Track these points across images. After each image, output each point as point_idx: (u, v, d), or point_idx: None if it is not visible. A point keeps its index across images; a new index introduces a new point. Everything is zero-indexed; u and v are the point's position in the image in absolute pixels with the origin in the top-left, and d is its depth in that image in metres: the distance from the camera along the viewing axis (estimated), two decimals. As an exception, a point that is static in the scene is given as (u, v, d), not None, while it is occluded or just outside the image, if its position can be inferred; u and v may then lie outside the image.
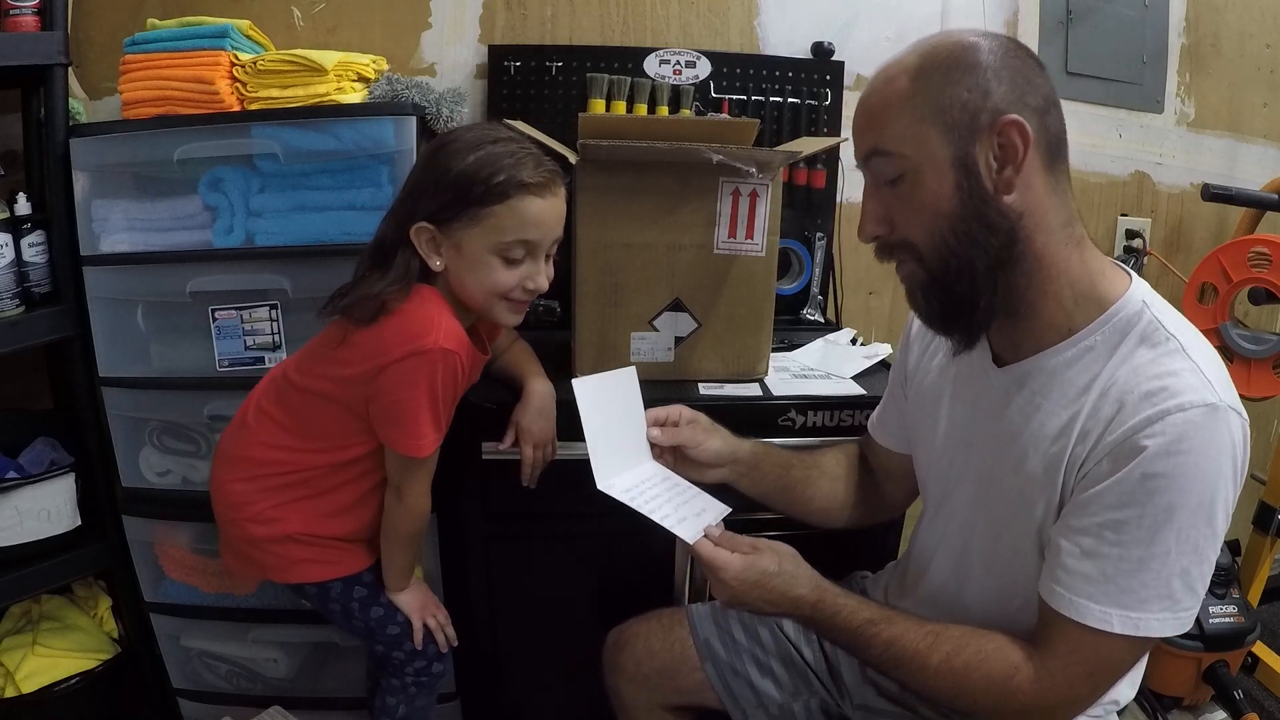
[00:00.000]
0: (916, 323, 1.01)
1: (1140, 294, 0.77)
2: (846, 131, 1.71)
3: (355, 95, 1.34)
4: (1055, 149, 0.74)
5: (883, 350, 1.44)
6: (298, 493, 1.07)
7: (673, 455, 1.03)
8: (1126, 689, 0.88)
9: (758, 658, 1.08)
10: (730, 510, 0.96)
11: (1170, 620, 0.72)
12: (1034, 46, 1.82)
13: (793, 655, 1.08)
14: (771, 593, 0.85)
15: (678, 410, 1.04)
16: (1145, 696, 1.68)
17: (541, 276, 1.02)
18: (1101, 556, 0.72)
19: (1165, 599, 0.72)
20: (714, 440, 1.03)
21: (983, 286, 0.76)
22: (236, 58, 1.29)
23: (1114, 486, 0.71)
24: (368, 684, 1.30)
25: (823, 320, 1.73)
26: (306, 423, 1.05)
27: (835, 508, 1.09)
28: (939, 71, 0.72)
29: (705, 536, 0.89)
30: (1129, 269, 0.81)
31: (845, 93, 1.69)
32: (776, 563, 0.86)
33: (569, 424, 1.22)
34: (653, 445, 1.02)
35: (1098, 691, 0.77)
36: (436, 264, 0.99)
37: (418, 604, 1.16)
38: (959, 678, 0.78)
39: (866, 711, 1.00)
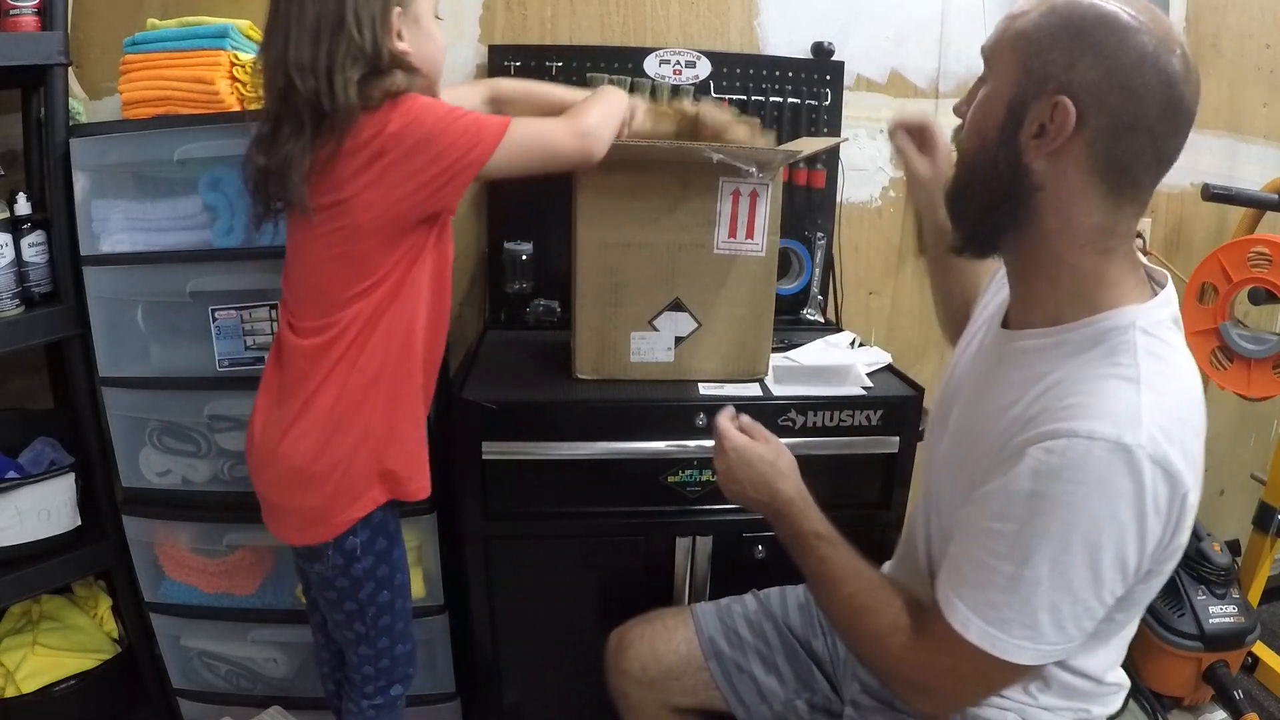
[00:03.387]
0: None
1: (1139, 316, 0.72)
2: (847, 131, 1.73)
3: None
4: (1117, 173, 0.70)
5: (883, 357, 1.44)
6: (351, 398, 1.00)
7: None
8: (1099, 708, 0.87)
9: (762, 654, 1.09)
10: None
11: (1030, 650, 0.70)
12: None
13: (797, 651, 1.09)
14: (759, 477, 0.92)
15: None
16: (1145, 696, 1.68)
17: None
18: (976, 561, 0.72)
19: (1028, 628, 0.69)
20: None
21: (977, 213, 0.77)
22: (236, 58, 1.29)
23: (1000, 493, 0.70)
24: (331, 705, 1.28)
25: (823, 320, 1.73)
26: (325, 319, 0.99)
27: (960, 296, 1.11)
28: (1061, 23, 0.69)
29: (735, 418, 0.98)
30: (1161, 296, 0.75)
31: (845, 93, 1.69)
32: (775, 456, 0.94)
33: (568, 425, 1.23)
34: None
35: (963, 693, 0.77)
36: (405, 47, 0.96)
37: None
38: (853, 617, 0.82)
39: (855, 707, 1.01)
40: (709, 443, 1.23)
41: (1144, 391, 0.67)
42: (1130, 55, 0.67)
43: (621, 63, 1.60)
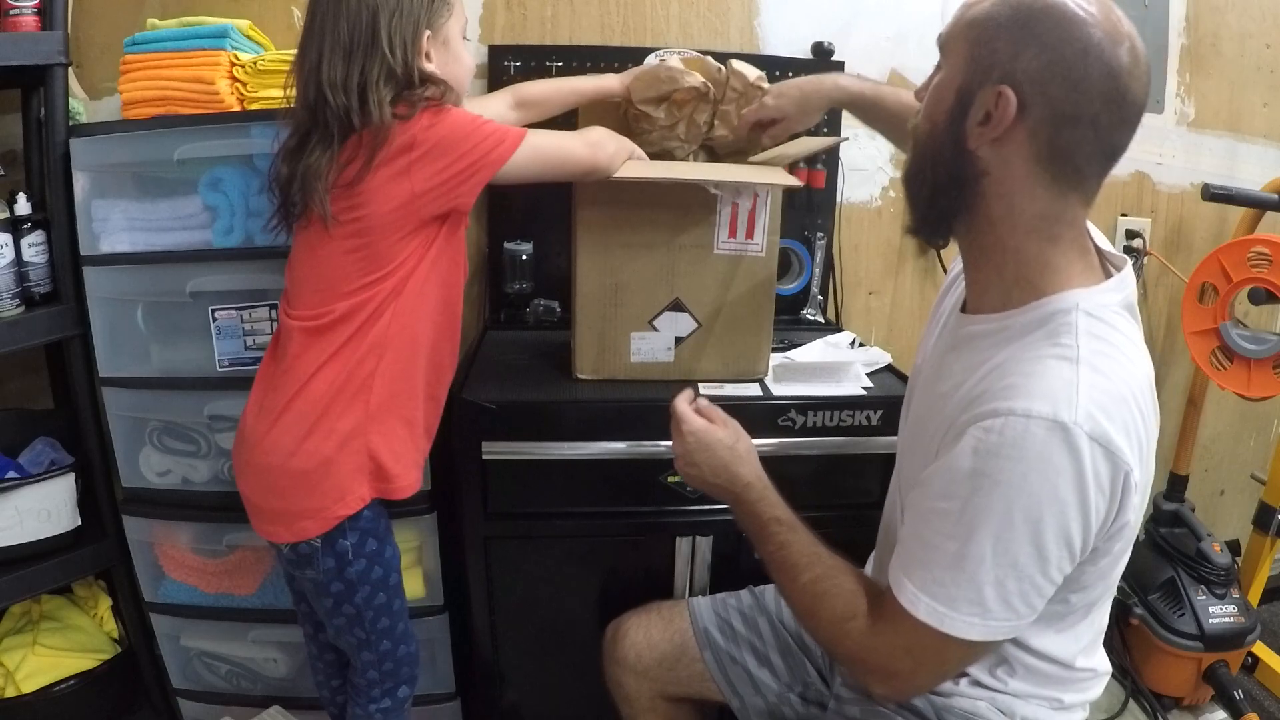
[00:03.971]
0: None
1: (1081, 299, 0.73)
2: (847, 131, 1.72)
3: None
4: (1059, 163, 0.71)
5: (883, 357, 1.44)
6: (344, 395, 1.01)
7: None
8: (1072, 695, 0.86)
9: (755, 648, 1.09)
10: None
11: (979, 627, 0.71)
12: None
13: (791, 647, 1.09)
14: (717, 461, 0.91)
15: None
16: (1145, 696, 1.68)
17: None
18: (923, 541, 0.73)
19: (975, 604, 0.70)
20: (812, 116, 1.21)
21: (927, 196, 0.79)
22: (236, 58, 1.29)
23: (943, 473, 0.72)
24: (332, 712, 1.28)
25: (823, 320, 1.73)
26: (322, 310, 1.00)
27: None
28: (1010, 13, 0.70)
29: (692, 401, 0.97)
30: (1112, 282, 0.76)
31: (845, 93, 1.69)
32: (733, 440, 0.93)
33: (568, 425, 1.23)
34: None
35: (920, 674, 0.77)
36: (432, 68, 0.99)
37: None
38: (812, 602, 0.82)
39: (838, 701, 1.01)
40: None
41: (1083, 370, 0.68)
42: (1074, 46, 0.68)
43: (621, 63, 1.59)
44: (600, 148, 1.10)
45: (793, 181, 1.18)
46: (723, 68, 1.25)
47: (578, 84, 1.31)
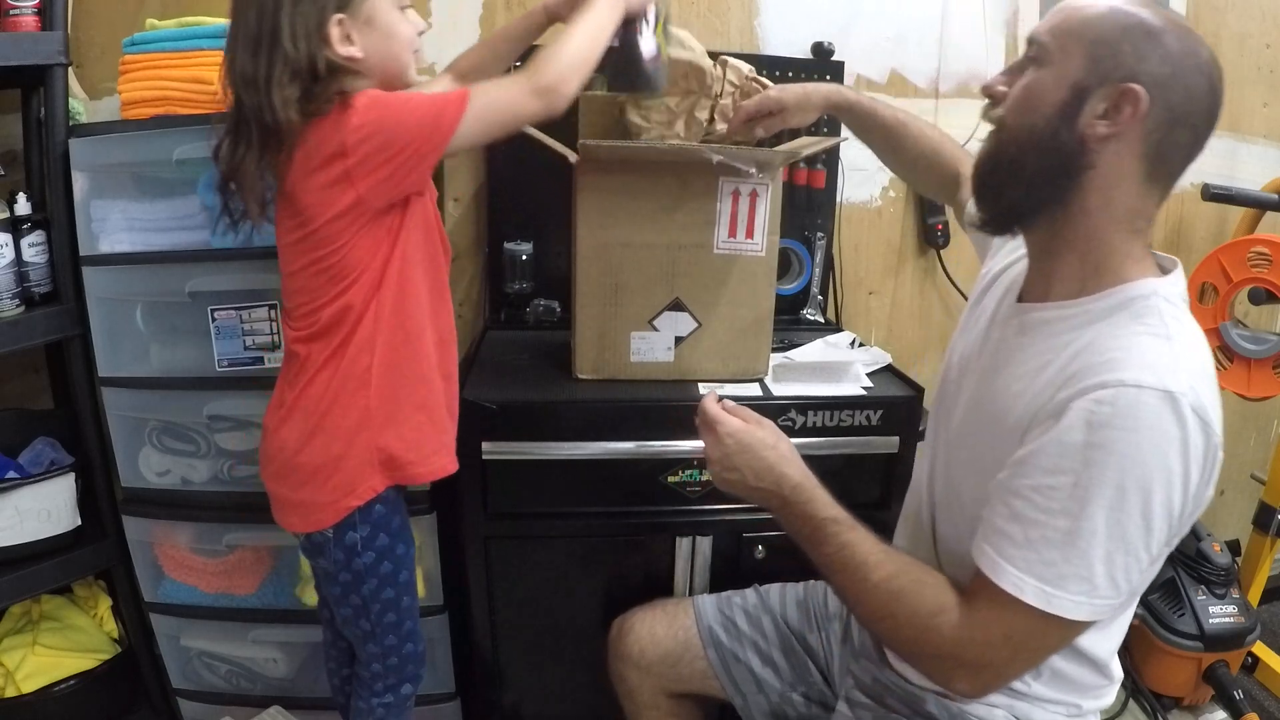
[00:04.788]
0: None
1: (1158, 287, 0.76)
2: (846, 131, 1.72)
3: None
4: (1159, 162, 0.75)
5: (883, 357, 1.44)
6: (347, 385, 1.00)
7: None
8: (1090, 676, 0.86)
9: (759, 647, 1.10)
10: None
11: (1085, 605, 0.71)
12: (1034, 46, 1.82)
13: (794, 646, 1.10)
14: (761, 463, 0.88)
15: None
16: (1145, 696, 1.68)
17: (421, 19, 1.02)
18: (1028, 521, 0.72)
19: (1084, 581, 0.70)
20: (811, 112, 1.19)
21: (1022, 186, 0.78)
22: (236, 58, 1.29)
23: (1050, 447, 0.71)
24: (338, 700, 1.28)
25: (823, 320, 1.73)
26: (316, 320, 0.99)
27: (917, 166, 1.20)
28: (1134, 21, 0.73)
29: (718, 399, 0.93)
30: (1174, 275, 0.80)
31: (845, 93, 1.69)
32: (775, 439, 0.89)
33: (568, 425, 1.23)
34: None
35: (1019, 661, 0.76)
36: (356, 51, 0.93)
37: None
38: (891, 600, 0.79)
39: (849, 704, 1.01)
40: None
41: (1176, 346, 0.71)
42: (1191, 60, 0.72)
43: (621, 63, 1.60)
44: (551, 93, 0.94)
45: (793, 156, 1.19)
46: (716, 63, 1.24)
47: (507, 29, 1.21)
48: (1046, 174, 0.77)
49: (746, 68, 1.24)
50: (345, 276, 0.97)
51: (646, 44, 1.07)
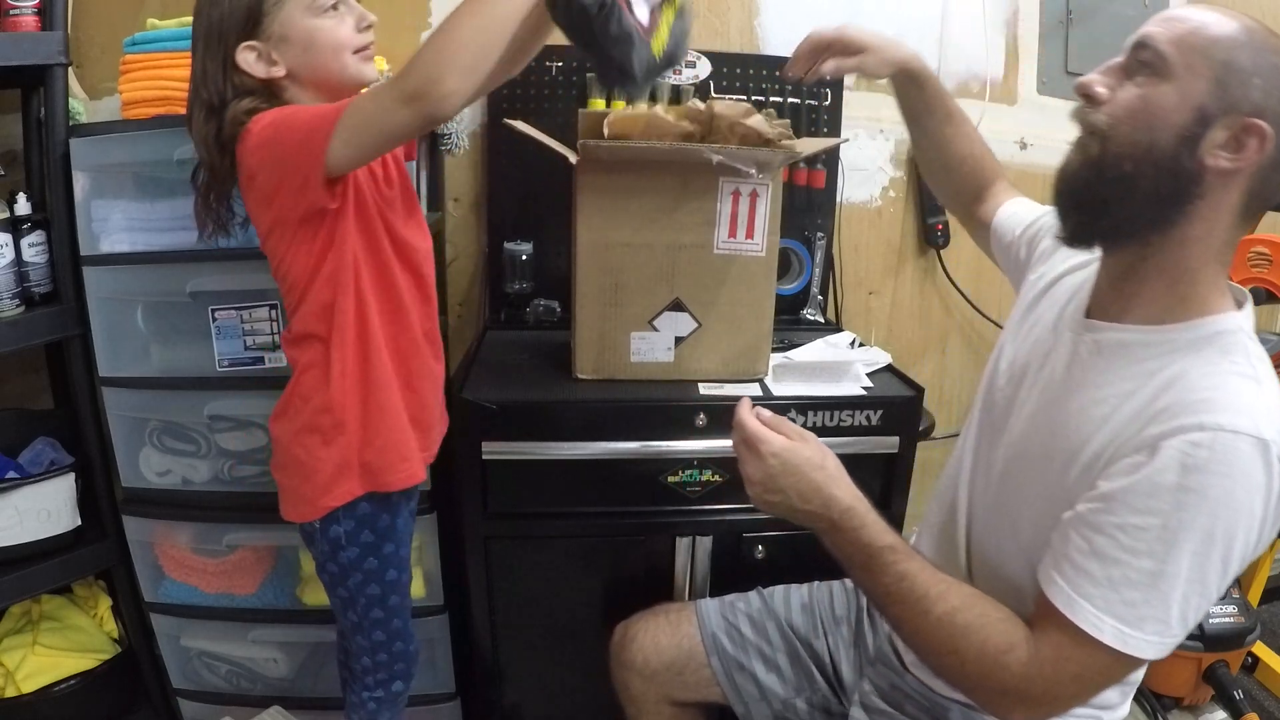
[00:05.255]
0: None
1: (1242, 322, 0.75)
2: (847, 131, 1.72)
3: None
4: (1258, 198, 0.74)
5: (883, 357, 1.44)
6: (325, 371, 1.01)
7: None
8: (1116, 696, 0.86)
9: (764, 653, 1.09)
10: None
11: (1157, 645, 0.70)
12: (1034, 46, 1.82)
13: (799, 651, 1.09)
14: (808, 484, 0.81)
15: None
16: (1145, 696, 1.68)
17: (370, 14, 0.99)
18: (1110, 560, 0.70)
19: (1161, 622, 0.69)
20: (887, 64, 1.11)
21: (1128, 206, 0.75)
22: (236, 58, 1.29)
23: (1141, 486, 0.69)
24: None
25: (823, 320, 1.73)
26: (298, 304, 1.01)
27: (957, 166, 1.14)
28: (1269, 50, 0.71)
29: (755, 413, 0.85)
30: (1248, 309, 0.78)
31: (845, 93, 1.69)
32: (822, 456, 0.83)
33: (568, 425, 1.23)
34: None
35: (1083, 696, 0.76)
36: (277, 70, 0.95)
37: None
38: (957, 635, 0.76)
39: (865, 710, 1.01)
40: (709, 443, 1.24)
41: (1264, 390, 0.70)
42: None
43: (621, 63, 1.60)
44: (423, 99, 0.82)
45: (793, 156, 1.16)
46: (703, 107, 1.22)
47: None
48: (1159, 197, 0.73)
49: (741, 109, 1.19)
50: (296, 288, 1.00)
51: (631, 16, 0.84)
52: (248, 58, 0.94)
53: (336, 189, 0.93)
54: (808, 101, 1.66)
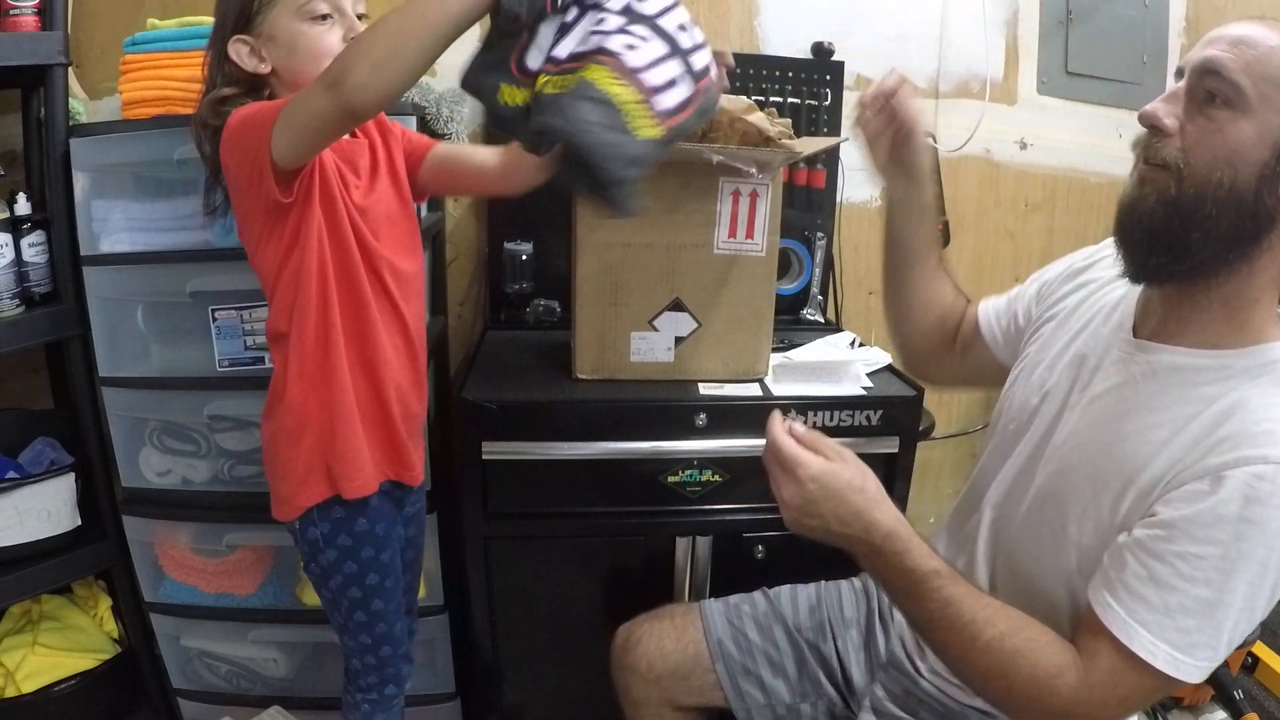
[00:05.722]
0: (1077, 262, 0.99)
1: None
2: (847, 131, 1.72)
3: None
4: None
5: (883, 357, 1.44)
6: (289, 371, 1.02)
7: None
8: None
9: (771, 658, 1.08)
10: None
11: (1205, 669, 0.70)
12: (1034, 46, 1.82)
13: (806, 656, 1.08)
14: (848, 509, 0.78)
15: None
16: (1145, 696, 1.68)
17: (360, 28, 0.99)
18: (1168, 587, 0.70)
19: (1211, 649, 0.70)
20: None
21: (1209, 247, 0.73)
22: (236, 58, 1.29)
23: (1204, 516, 0.69)
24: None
25: (823, 320, 1.73)
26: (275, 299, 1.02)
27: (923, 317, 1.11)
28: None
29: (788, 430, 0.81)
30: None
31: (845, 93, 1.69)
32: (862, 478, 0.79)
33: (568, 425, 1.23)
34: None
35: (1126, 715, 0.76)
36: (263, 67, 0.97)
37: None
38: (1006, 660, 0.75)
39: (875, 714, 1.00)
40: (709, 443, 1.24)
41: None
42: None
43: (621, 63, 1.60)
44: (340, 88, 0.79)
45: (793, 156, 1.15)
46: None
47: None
48: (1238, 234, 0.72)
49: (742, 104, 1.18)
50: (266, 283, 1.01)
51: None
52: (239, 50, 0.97)
53: (293, 185, 0.93)
54: (808, 102, 1.66)
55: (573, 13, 0.74)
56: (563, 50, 0.75)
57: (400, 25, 0.78)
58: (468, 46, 0.83)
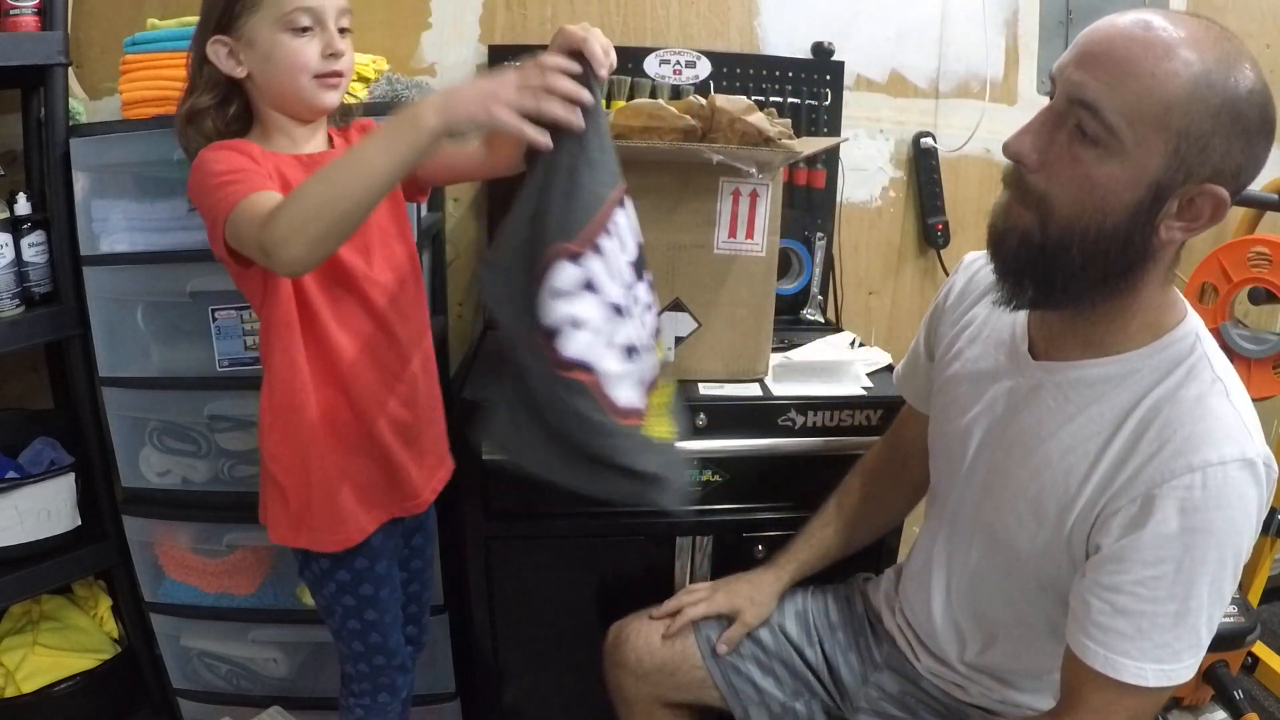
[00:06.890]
0: (956, 288, 0.99)
1: (1194, 328, 0.75)
2: (847, 131, 1.72)
3: (355, 96, 1.34)
4: (1211, 222, 0.70)
5: (883, 357, 1.44)
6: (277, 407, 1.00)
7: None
8: None
9: (759, 659, 1.08)
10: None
11: (1194, 664, 0.73)
12: (1034, 46, 1.82)
13: (794, 658, 1.08)
14: None
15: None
16: (1145, 696, 1.68)
17: (339, 44, 0.96)
18: (1136, 614, 0.71)
19: (1195, 647, 0.72)
20: (766, 605, 1.09)
21: (1078, 283, 0.72)
22: (236, 58, 1.29)
23: (1146, 540, 0.70)
24: None
25: (823, 320, 1.72)
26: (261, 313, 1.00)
27: (878, 526, 1.15)
28: (1222, 102, 0.64)
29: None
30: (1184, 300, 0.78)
31: (845, 93, 1.69)
32: None
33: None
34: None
35: None
36: (240, 71, 0.95)
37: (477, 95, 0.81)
38: None
39: (873, 715, 1.00)
40: (709, 443, 1.24)
41: (1234, 400, 0.72)
42: (1268, 133, 0.67)
43: (621, 63, 1.59)
44: (272, 244, 0.79)
45: (793, 156, 1.15)
46: (704, 102, 1.18)
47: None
48: (1107, 273, 0.71)
49: (742, 104, 1.16)
50: (250, 303, 1.00)
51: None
52: (218, 51, 0.94)
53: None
54: (808, 102, 1.66)
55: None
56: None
57: (333, 196, 0.79)
58: (467, 47, 0.82)
